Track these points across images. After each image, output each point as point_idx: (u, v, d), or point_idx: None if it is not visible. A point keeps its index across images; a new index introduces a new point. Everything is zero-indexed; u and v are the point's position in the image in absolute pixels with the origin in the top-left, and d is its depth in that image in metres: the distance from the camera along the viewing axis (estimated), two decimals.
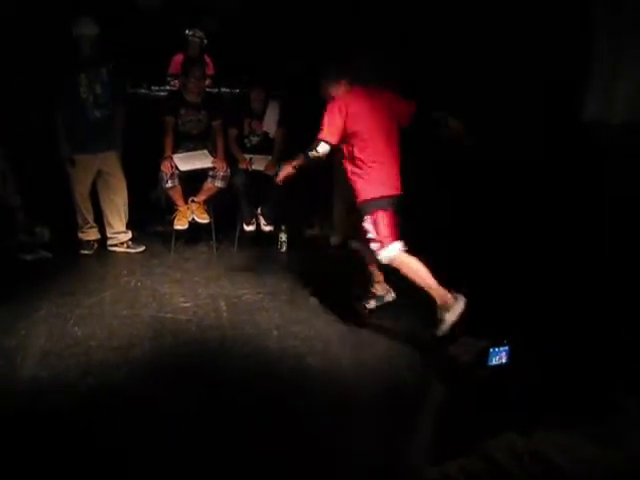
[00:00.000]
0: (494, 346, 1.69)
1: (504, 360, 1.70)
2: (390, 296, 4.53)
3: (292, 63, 6.75)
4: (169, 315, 4.48)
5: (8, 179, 5.40)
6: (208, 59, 7.62)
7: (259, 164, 5.88)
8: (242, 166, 5.86)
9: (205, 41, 7.55)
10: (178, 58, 7.36)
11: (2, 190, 5.37)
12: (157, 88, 7.34)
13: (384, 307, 4.56)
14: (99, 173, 5.54)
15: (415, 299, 4.56)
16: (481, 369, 1.70)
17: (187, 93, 5.83)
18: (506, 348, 1.70)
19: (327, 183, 6.00)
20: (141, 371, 3.74)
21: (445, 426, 1.57)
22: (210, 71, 7.57)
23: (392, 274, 4.82)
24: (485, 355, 1.70)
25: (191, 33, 7.48)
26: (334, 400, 3.50)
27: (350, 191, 4.20)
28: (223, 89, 7.54)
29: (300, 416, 3.34)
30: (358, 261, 4.56)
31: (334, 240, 6.13)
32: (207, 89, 6.43)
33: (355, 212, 4.22)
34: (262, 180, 5.76)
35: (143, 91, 7.28)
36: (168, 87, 7.32)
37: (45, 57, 5.55)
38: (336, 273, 5.33)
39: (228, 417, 3.30)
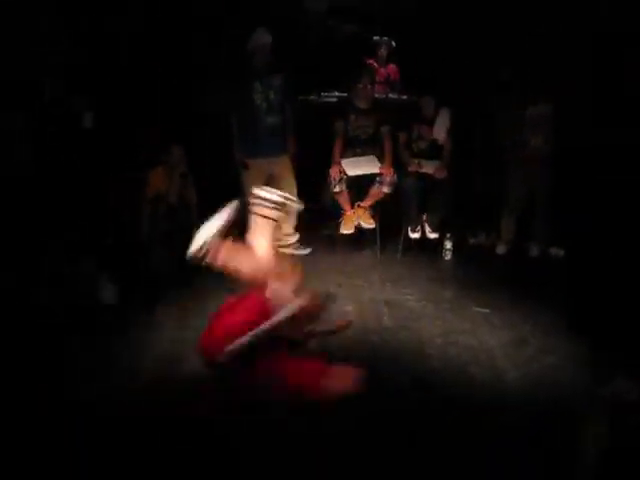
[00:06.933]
0: None
1: None
2: None
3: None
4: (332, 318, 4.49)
5: (188, 178, 5.74)
6: (393, 66, 7.73)
7: (428, 168, 5.85)
8: (412, 169, 5.85)
9: (394, 45, 7.67)
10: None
11: (183, 188, 5.70)
12: (326, 94, 7.49)
13: (556, 324, 4.41)
14: (270, 176, 5.74)
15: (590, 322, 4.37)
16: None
17: (357, 99, 5.91)
18: None
19: (495, 192, 5.89)
20: None
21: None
22: (396, 79, 7.71)
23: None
24: None
25: (378, 39, 7.66)
26: (495, 414, 3.40)
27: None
28: (390, 95, 7.57)
29: (462, 427, 3.27)
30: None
31: (500, 249, 5.96)
32: (377, 95, 6.51)
33: None
34: (430, 185, 5.76)
35: (313, 97, 7.45)
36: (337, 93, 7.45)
37: (223, 66, 5.85)
38: (501, 283, 5.17)
39: (391, 425, 3.28)
